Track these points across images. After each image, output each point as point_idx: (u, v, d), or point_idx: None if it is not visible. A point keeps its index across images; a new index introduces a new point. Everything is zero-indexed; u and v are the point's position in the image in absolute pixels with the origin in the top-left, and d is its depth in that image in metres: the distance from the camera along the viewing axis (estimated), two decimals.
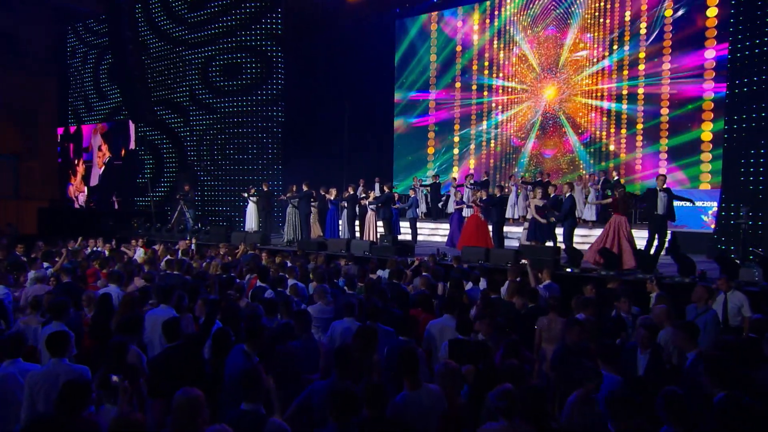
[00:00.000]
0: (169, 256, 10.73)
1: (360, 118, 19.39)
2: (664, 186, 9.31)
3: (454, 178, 18.86)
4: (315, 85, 18.30)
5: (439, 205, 16.90)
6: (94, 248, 10.99)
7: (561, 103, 17.50)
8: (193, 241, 11.97)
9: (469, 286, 7.88)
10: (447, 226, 14.47)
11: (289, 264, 9.51)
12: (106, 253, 9.99)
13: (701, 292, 6.14)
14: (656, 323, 5.19)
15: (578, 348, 4.45)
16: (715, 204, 13.10)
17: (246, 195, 15.33)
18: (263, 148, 17.88)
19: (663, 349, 4.94)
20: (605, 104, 16.65)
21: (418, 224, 15.98)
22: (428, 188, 17.39)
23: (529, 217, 11.60)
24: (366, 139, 19.60)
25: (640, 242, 9.74)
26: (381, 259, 10.05)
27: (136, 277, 7.60)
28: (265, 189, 15.04)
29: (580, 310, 6.09)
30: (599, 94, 16.74)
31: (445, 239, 14.17)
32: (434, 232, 15.90)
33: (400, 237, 14.60)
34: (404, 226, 14.80)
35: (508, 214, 15.97)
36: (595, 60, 16.79)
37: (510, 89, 18.37)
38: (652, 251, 9.37)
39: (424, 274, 8.21)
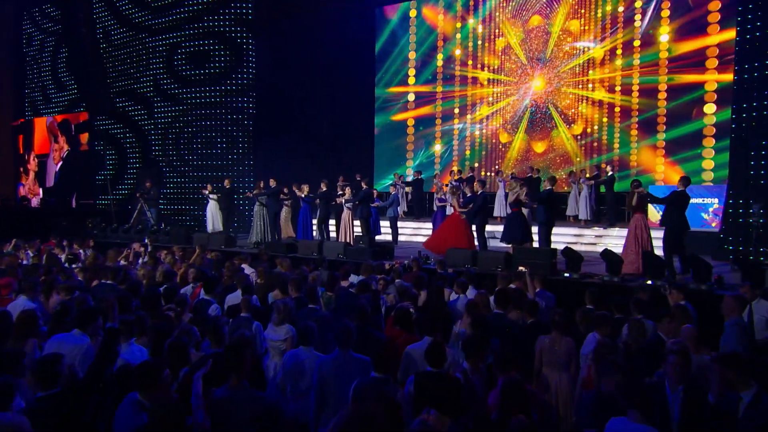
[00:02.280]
0: (123, 261, 9.51)
1: (338, 110, 18.33)
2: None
3: (437, 174, 17.82)
4: (289, 75, 17.09)
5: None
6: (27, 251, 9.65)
7: (550, 95, 16.52)
8: (148, 243, 10.70)
9: (454, 296, 6.80)
10: (431, 225, 13.40)
11: (247, 269, 8.35)
12: (30, 256, 8.69)
13: (732, 304, 5.11)
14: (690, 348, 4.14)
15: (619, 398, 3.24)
16: (716, 200, 12.23)
17: (206, 193, 14.07)
18: (233, 142, 16.63)
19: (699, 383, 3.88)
20: (597, 95, 15.69)
21: (400, 224, 14.95)
22: (410, 186, 16.32)
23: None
24: (345, 132, 18.52)
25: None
26: (357, 263, 8.93)
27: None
28: (227, 186, 13.81)
29: (592, 328, 5.02)
30: (590, 84, 15.79)
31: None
32: (417, 232, 14.81)
33: (380, 238, 13.58)
34: (385, 225, 13.72)
35: (496, 212, 15.00)
36: (585, 49, 15.82)
37: (496, 81, 17.35)
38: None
39: (398, 281, 7.11)
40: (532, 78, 16.79)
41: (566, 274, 7.82)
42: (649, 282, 7.24)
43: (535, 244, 10.21)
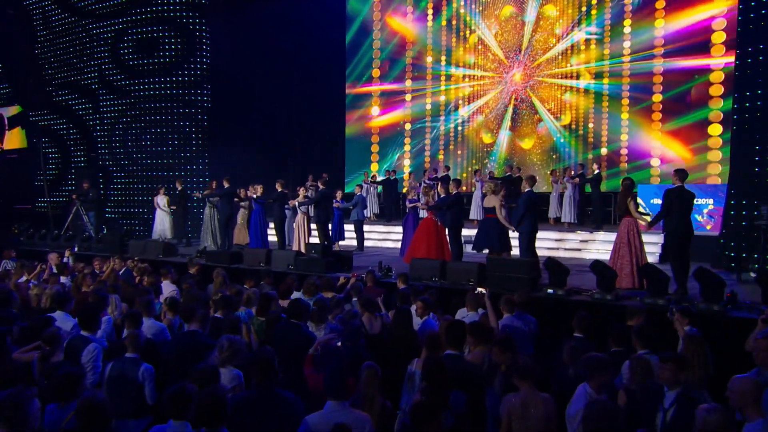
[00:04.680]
0: (26, 276, 8.03)
1: (305, 104, 17.10)
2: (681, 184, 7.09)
3: (411, 174, 16.61)
4: (248, 65, 15.68)
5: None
6: None
7: (531, 88, 15.39)
8: (67, 253, 9.21)
9: (416, 320, 5.49)
10: (401, 229, 12.09)
11: (168, 287, 6.96)
12: None
13: (750, 391, 3.58)
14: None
15: None
16: (712, 201, 11.14)
17: (158, 201, 12.59)
18: (186, 139, 15.15)
19: None
20: (582, 86, 14.59)
21: (368, 227, 13.65)
22: (380, 185, 15.07)
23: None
24: (312, 129, 17.28)
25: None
26: (303, 276, 7.61)
27: None
28: (179, 188, 12.35)
29: (583, 377, 3.74)
30: (574, 74, 14.67)
31: (398, 245, 11.76)
32: (386, 237, 13.49)
33: (344, 243, 12.26)
34: (350, 229, 12.39)
35: (473, 215, 13.79)
36: (565, 34, 14.72)
37: (472, 77, 16.23)
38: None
39: (348, 306, 5.80)
40: (510, 71, 15.69)
41: (549, 291, 6.55)
42: (648, 300, 6.01)
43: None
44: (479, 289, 5.53)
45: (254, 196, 10.75)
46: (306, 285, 6.36)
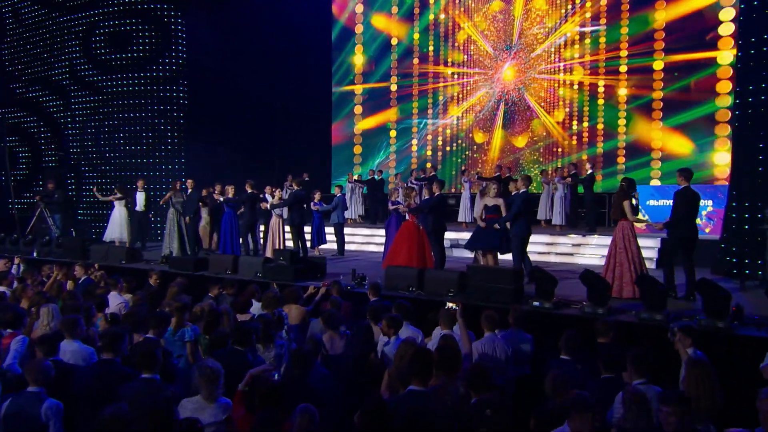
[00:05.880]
0: None
1: (288, 102, 16.48)
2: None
3: (398, 175, 15.98)
4: (228, 60, 15.01)
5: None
6: None
7: (524, 84, 14.81)
8: (17, 260, 8.51)
9: (382, 338, 4.85)
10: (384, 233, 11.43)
11: (116, 299, 6.29)
12: None
13: None
14: None
15: None
16: (711, 202, 10.55)
17: (102, 196, 11.93)
18: (161, 137, 14.45)
19: None
20: (576, 81, 14.01)
21: (351, 230, 13.02)
22: (363, 185, 14.45)
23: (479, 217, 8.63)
24: (296, 127, 16.60)
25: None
26: (265, 285, 6.97)
27: None
28: (141, 188, 11.67)
29: (563, 418, 3.11)
30: (568, 69, 14.09)
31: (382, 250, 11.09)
32: (369, 240, 12.84)
33: (325, 247, 11.60)
34: (330, 232, 11.74)
35: (461, 217, 13.18)
36: (556, 26, 14.14)
37: (462, 75, 15.66)
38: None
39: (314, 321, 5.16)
40: (501, 68, 15.12)
41: (535, 303, 5.91)
42: (644, 315, 5.37)
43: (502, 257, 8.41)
44: (450, 305, 4.86)
45: (220, 199, 10.07)
46: (265, 298, 5.68)
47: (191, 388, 3.54)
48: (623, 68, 13.22)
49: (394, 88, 16.69)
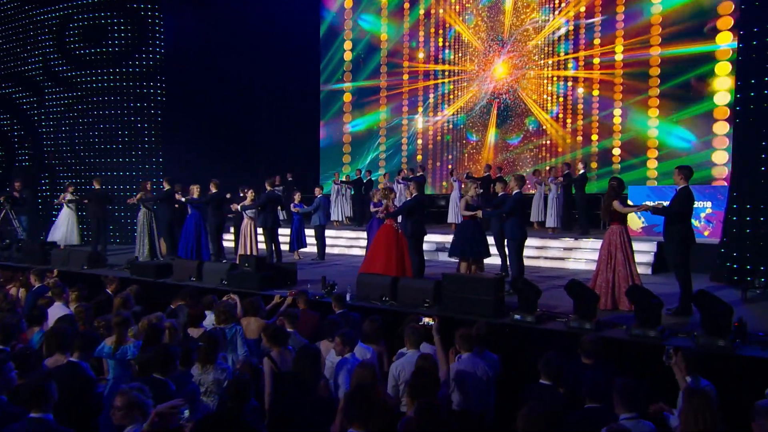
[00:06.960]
0: None
1: (273, 99, 16.03)
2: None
3: (386, 175, 15.46)
4: (208, 56, 14.46)
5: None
6: None
7: (517, 81, 14.28)
8: None
9: (334, 357, 4.28)
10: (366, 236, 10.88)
11: (60, 309, 5.72)
12: None
13: None
14: None
15: None
16: (710, 204, 10.02)
17: (61, 200, 11.38)
18: (138, 135, 13.87)
19: None
20: (570, 78, 13.48)
21: (335, 233, 12.48)
22: (347, 185, 13.91)
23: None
24: (281, 126, 16.10)
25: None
26: (242, 295, 6.39)
27: None
28: (97, 187, 11.10)
29: None
30: (562, 65, 13.57)
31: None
32: (353, 244, 12.28)
33: (305, 251, 11.05)
34: (310, 235, 11.19)
35: (451, 218, 12.66)
36: (547, 19, 13.62)
37: (452, 73, 15.15)
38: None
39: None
40: (493, 65, 14.60)
41: (517, 317, 5.34)
42: (636, 332, 4.82)
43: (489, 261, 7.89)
44: (425, 320, 4.30)
45: (182, 199, 9.50)
46: (216, 311, 5.11)
47: None
48: (618, 62, 12.72)
49: (383, 85, 16.20)
